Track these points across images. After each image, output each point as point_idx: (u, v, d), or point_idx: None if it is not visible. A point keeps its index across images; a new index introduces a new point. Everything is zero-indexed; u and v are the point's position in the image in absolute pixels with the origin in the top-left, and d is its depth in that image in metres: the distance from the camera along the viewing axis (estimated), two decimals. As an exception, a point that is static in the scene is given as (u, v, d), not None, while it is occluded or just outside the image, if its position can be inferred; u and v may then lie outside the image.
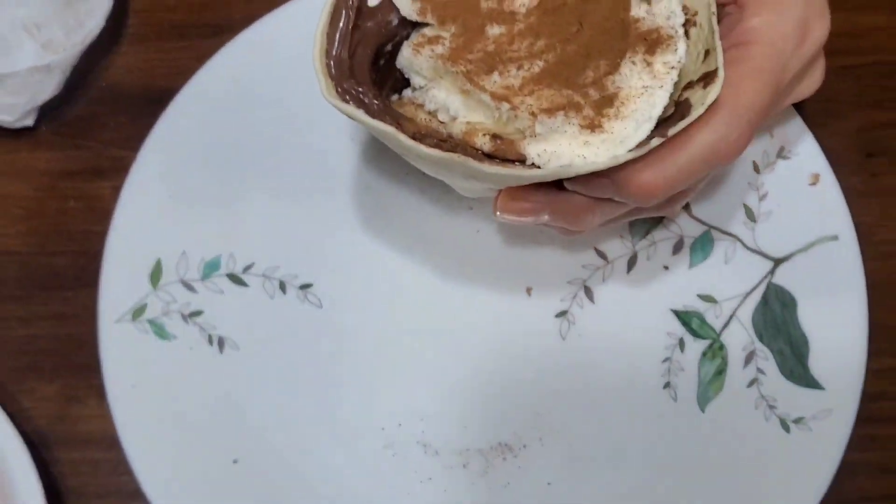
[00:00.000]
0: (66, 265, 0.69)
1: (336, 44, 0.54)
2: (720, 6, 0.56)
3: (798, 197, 0.67)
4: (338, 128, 0.69)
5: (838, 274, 0.66)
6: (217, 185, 0.68)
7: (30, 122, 0.71)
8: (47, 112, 0.72)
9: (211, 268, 0.67)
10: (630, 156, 0.50)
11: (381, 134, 0.52)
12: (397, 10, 0.55)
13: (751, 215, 0.68)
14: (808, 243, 0.67)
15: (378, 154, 0.69)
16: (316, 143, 0.69)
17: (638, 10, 0.53)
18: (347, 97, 0.52)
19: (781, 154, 0.68)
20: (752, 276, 0.67)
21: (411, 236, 0.68)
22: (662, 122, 0.52)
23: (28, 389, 0.67)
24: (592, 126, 0.50)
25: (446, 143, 0.52)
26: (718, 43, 0.52)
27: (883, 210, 0.70)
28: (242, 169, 0.69)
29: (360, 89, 0.53)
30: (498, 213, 0.57)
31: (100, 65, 0.73)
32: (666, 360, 0.66)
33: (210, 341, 0.66)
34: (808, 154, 0.68)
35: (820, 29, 0.57)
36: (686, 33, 0.54)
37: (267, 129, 0.69)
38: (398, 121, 0.52)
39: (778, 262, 0.67)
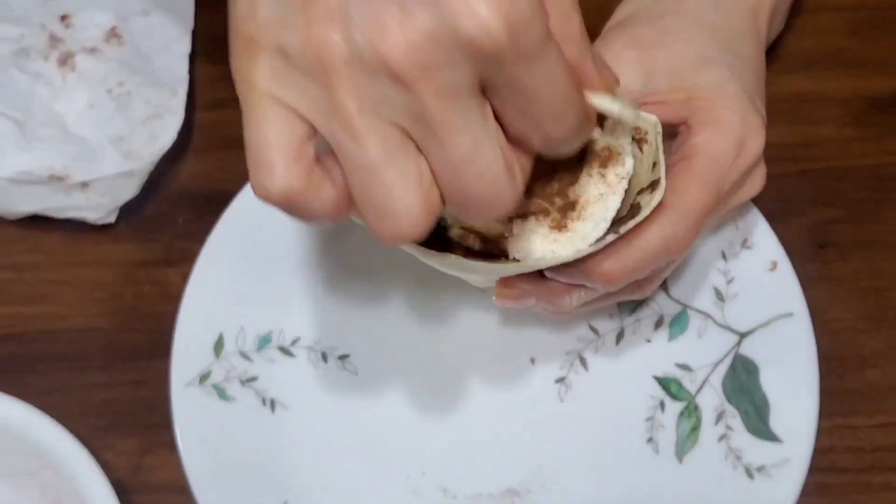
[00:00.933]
0: (143, 340, 0.74)
1: None
2: (675, 126, 0.63)
3: (759, 281, 0.73)
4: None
5: (794, 346, 0.71)
6: (269, 273, 0.74)
7: (112, 219, 0.76)
8: (126, 210, 0.76)
9: (264, 341, 0.73)
10: (590, 249, 0.56)
11: None
12: None
13: (720, 296, 0.73)
14: (768, 320, 0.72)
15: (403, 254, 0.76)
16: (352, 240, 0.75)
17: (592, 133, 0.59)
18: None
19: (745, 244, 0.73)
20: (722, 348, 0.72)
21: (433, 317, 0.74)
22: (618, 222, 0.57)
23: (108, 445, 0.71)
24: (559, 227, 0.56)
25: (445, 246, 0.58)
26: (662, 157, 0.58)
27: (832, 293, 0.76)
28: (290, 259, 0.75)
29: None
30: (495, 299, 0.63)
31: (171, 171, 0.79)
32: (649, 418, 0.71)
33: (263, 403, 0.71)
34: (768, 244, 0.73)
35: (755, 144, 0.62)
36: (641, 149, 0.60)
37: (310, 227, 0.75)
38: None
39: (743, 335, 0.72)
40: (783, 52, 0.83)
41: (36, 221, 0.77)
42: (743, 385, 0.72)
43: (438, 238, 0.59)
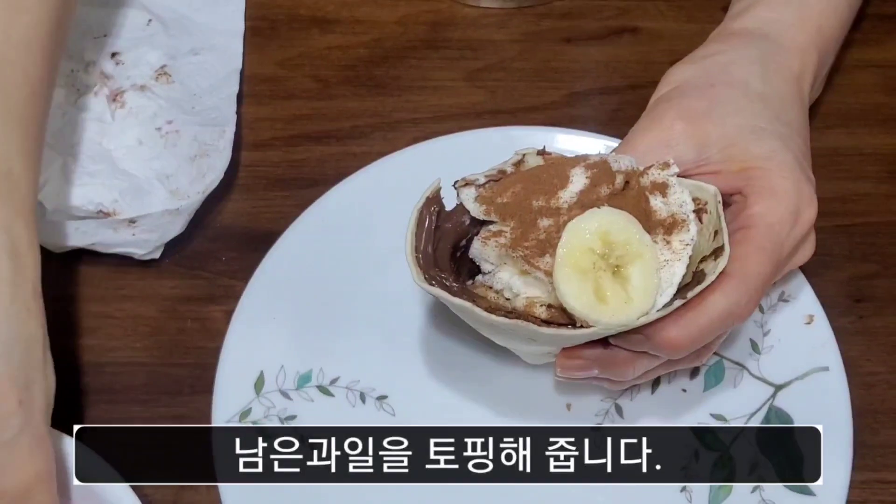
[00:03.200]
0: (185, 375, 0.75)
1: (423, 241, 0.62)
2: (729, 195, 0.64)
3: (796, 334, 0.74)
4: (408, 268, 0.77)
5: (828, 399, 0.72)
6: (310, 312, 0.75)
7: (157, 255, 0.77)
8: (171, 246, 0.78)
9: (304, 380, 0.74)
10: (657, 315, 0.59)
11: (459, 309, 0.60)
12: (468, 212, 0.64)
13: (756, 348, 0.74)
14: (803, 373, 0.73)
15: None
16: (392, 283, 0.76)
17: (655, 202, 0.62)
18: (433, 282, 0.60)
19: (782, 298, 0.75)
20: (757, 399, 0.73)
21: (470, 361, 0.75)
22: (683, 288, 0.60)
23: (148, 478, 0.70)
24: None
25: (511, 313, 0.60)
26: (724, 225, 0.60)
27: (867, 347, 0.77)
28: (331, 300, 0.76)
29: (443, 275, 0.62)
30: (559, 371, 0.64)
31: (215, 208, 0.80)
32: (683, 468, 0.71)
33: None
34: (804, 298, 0.75)
35: (809, 214, 0.65)
36: (700, 219, 0.62)
37: (353, 269, 0.77)
38: (473, 298, 0.60)
39: (778, 388, 0.73)
40: (822, 108, 0.84)
41: (82, 255, 0.78)
42: (777, 437, 0.72)
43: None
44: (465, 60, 0.89)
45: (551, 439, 0.71)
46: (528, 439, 0.71)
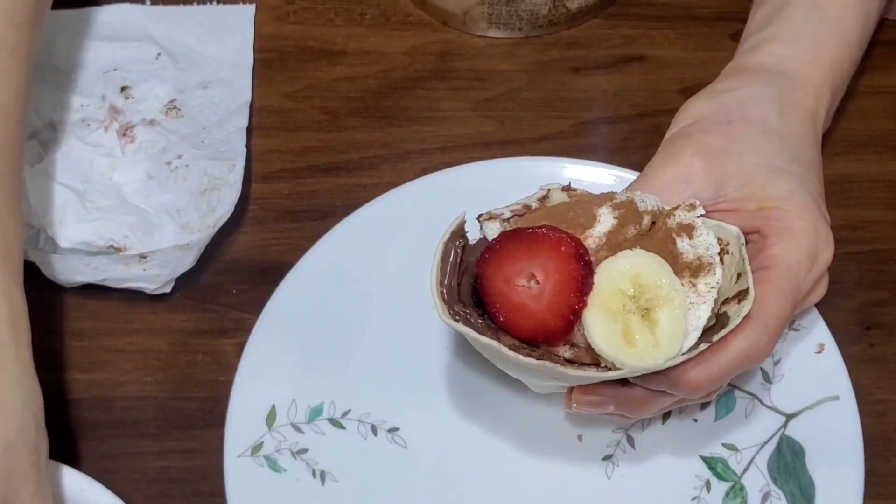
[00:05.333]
0: (196, 408, 0.75)
1: (447, 275, 0.62)
2: (746, 234, 0.64)
3: (806, 363, 0.75)
4: (421, 303, 0.74)
5: (840, 428, 0.72)
6: (321, 346, 0.76)
7: (168, 289, 0.77)
8: (181, 280, 0.78)
9: (315, 413, 0.74)
10: (682, 358, 0.59)
11: (484, 347, 0.60)
12: None
13: (767, 377, 0.75)
14: (814, 402, 0.73)
15: (452, 333, 0.77)
16: (402, 314, 0.77)
17: (682, 244, 0.62)
18: (457, 317, 0.60)
19: (793, 327, 0.75)
20: (768, 429, 0.73)
21: (481, 393, 0.75)
22: (706, 331, 0.60)
23: None
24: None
25: (535, 352, 0.60)
26: (749, 268, 0.61)
27: (878, 375, 0.77)
28: (342, 332, 0.76)
29: (467, 311, 0.61)
30: (574, 405, 0.65)
31: (225, 241, 0.80)
32: (694, 498, 0.72)
33: (314, 474, 0.72)
34: (815, 327, 0.75)
35: (825, 255, 0.66)
36: (721, 259, 0.62)
37: (363, 300, 0.77)
38: (497, 335, 0.60)
39: (789, 416, 0.73)
40: (830, 134, 0.84)
41: (93, 289, 0.79)
42: (789, 466, 0.73)
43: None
44: (473, 91, 0.90)
45: (562, 468, 0.74)
46: (538, 469, 0.73)
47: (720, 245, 0.63)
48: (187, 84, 0.85)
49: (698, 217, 0.64)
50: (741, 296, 0.61)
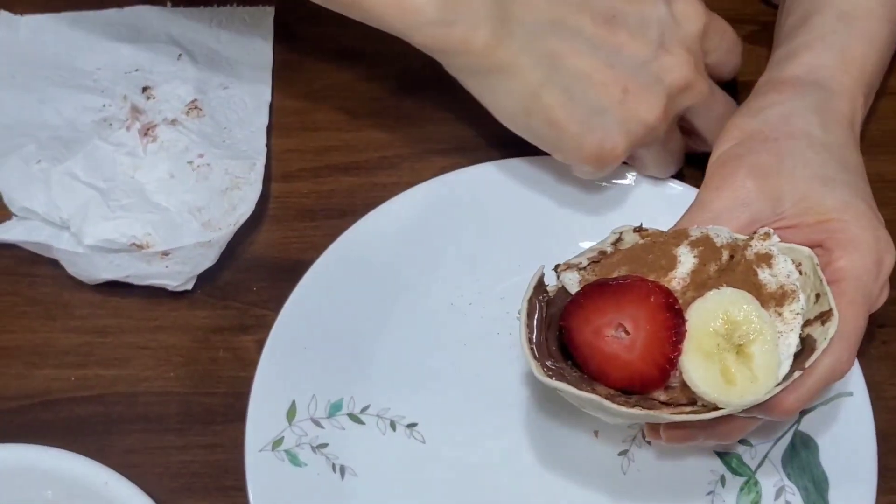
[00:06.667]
0: (217, 404, 0.76)
1: (535, 330, 0.62)
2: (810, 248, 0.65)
3: None
4: (437, 297, 0.78)
5: (853, 424, 0.73)
6: (340, 342, 0.76)
7: (189, 286, 0.78)
8: (202, 277, 0.79)
9: (335, 408, 0.75)
10: (779, 388, 0.60)
11: (583, 401, 0.60)
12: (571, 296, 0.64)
13: None
14: (828, 398, 0.74)
15: (473, 327, 0.78)
16: (420, 311, 0.78)
17: (763, 275, 0.63)
18: (551, 374, 0.61)
19: None
20: (782, 424, 0.74)
21: (499, 389, 0.76)
22: (796, 357, 0.61)
23: None
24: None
25: (632, 399, 0.61)
26: (828, 288, 0.61)
27: (891, 372, 0.77)
28: (361, 329, 0.77)
29: (559, 365, 0.61)
30: (664, 440, 0.66)
31: (246, 240, 0.81)
32: (709, 493, 0.73)
33: (333, 469, 0.73)
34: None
35: (889, 260, 0.66)
36: None
37: (381, 297, 0.78)
38: (593, 387, 0.61)
39: (803, 412, 0.74)
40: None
41: (115, 286, 0.80)
42: (802, 461, 0.73)
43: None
44: (490, 90, 0.90)
45: (578, 463, 0.74)
46: (555, 464, 0.74)
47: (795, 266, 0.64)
48: (208, 84, 0.86)
49: (774, 245, 0.64)
50: (824, 317, 0.61)
